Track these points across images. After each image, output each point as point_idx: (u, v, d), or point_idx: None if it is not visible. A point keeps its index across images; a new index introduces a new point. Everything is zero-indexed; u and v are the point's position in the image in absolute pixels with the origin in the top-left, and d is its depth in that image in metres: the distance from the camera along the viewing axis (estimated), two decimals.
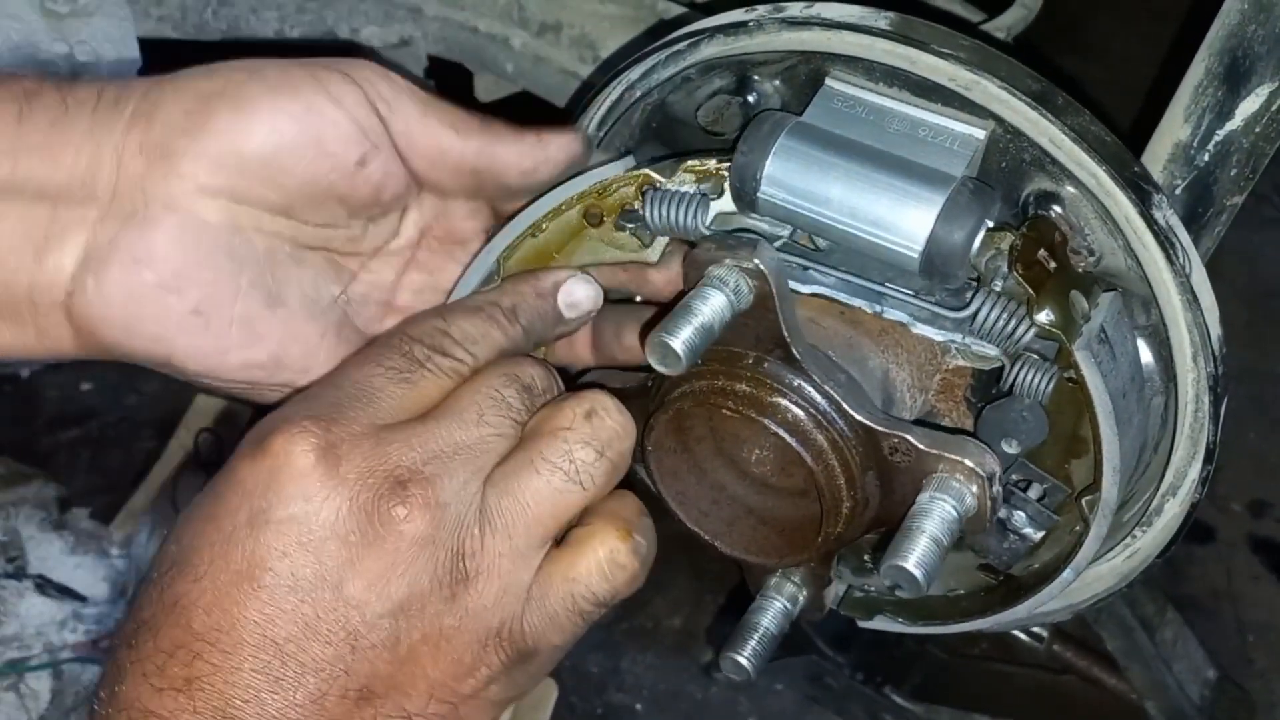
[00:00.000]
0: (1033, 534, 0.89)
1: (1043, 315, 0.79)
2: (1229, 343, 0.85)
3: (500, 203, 0.92)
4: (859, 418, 0.82)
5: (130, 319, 0.80)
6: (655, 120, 0.95)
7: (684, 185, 0.87)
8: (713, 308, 0.79)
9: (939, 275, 0.81)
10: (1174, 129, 1.02)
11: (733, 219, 0.88)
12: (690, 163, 0.87)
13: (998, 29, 1.34)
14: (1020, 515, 0.88)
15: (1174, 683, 1.86)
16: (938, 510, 0.79)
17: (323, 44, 1.58)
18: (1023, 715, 2.36)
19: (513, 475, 0.77)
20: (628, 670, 2.50)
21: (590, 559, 0.78)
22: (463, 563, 0.74)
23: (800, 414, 0.82)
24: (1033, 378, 0.82)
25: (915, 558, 0.77)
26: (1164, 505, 0.91)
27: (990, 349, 0.84)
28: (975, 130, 0.83)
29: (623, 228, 0.89)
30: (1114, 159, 0.81)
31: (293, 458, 0.73)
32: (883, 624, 1.00)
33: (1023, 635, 2.23)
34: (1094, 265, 0.84)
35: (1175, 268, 0.82)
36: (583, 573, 0.78)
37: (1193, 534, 0.92)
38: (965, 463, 0.80)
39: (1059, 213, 0.83)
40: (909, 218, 0.80)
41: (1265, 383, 2.81)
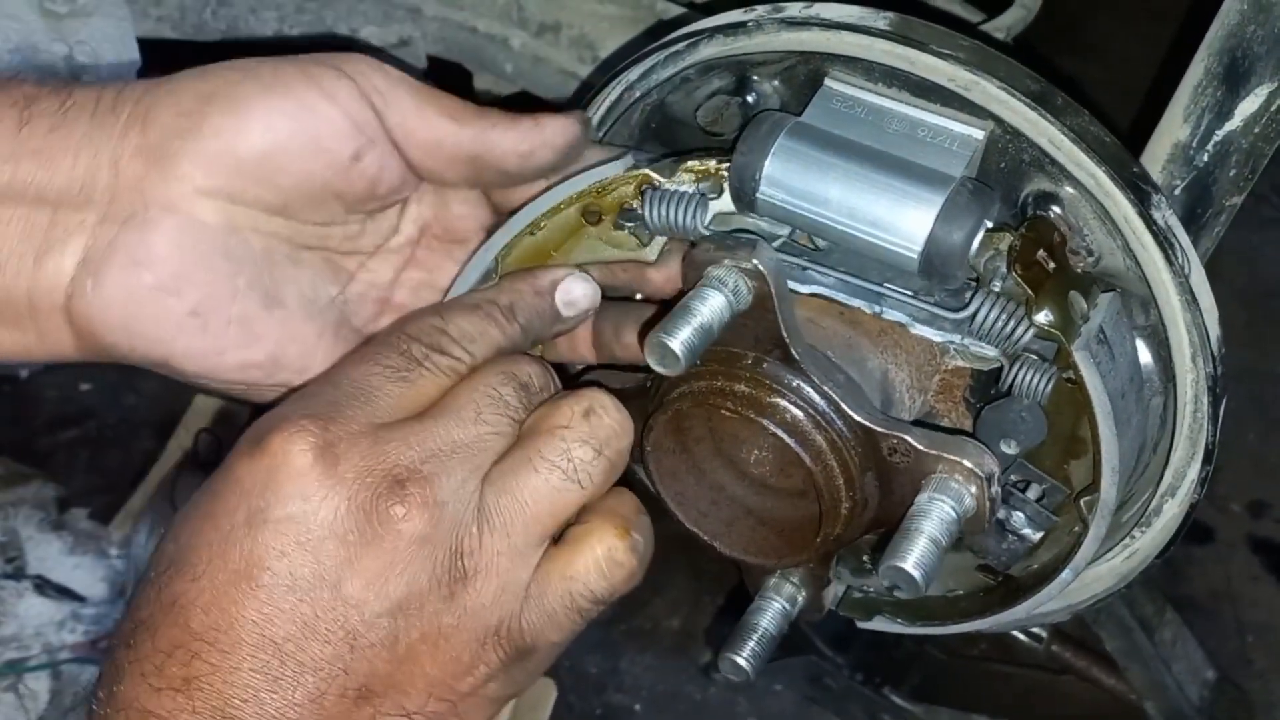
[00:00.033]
0: (1031, 535, 0.89)
1: (1041, 316, 0.79)
2: (1228, 343, 0.85)
3: (500, 190, 0.91)
4: (858, 418, 0.82)
5: (129, 321, 0.80)
6: (654, 120, 0.95)
7: (683, 185, 0.87)
8: (711, 308, 0.79)
9: (938, 276, 0.81)
10: (1173, 129, 1.02)
11: (732, 219, 0.87)
12: (690, 163, 0.87)
13: (997, 29, 1.34)
14: (1019, 516, 0.88)
15: (1173, 683, 1.86)
16: (936, 511, 0.79)
17: (322, 44, 1.58)
18: (1021, 716, 2.35)
19: (511, 474, 0.77)
20: (626, 671, 2.49)
21: (588, 557, 0.78)
22: (461, 561, 0.74)
23: (799, 414, 0.82)
24: (1031, 378, 0.82)
25: (914, 558, 0.77)
26: (1163, 506, 0.91)
27: (989, 350, 0.84)
28: (974, 131, 0.83)
29: (621, 227, 0.89)
30: (1113, 159, 0.81)
31: (291, 457, 0.72)
32: (881, 625, 1.00)
33: (1022, 636, 2.23)
34: (1093, 266, 0.84)
35: (1174, 268, 0.82)
36: (581, 571, 0.78)
37: (1192, 534, 0.92)
38: (964, 463, 0.80)
39: (1058, 213, 0.83)
40: (908, 218, 0.80)
41: (1265, 383, 2.81)
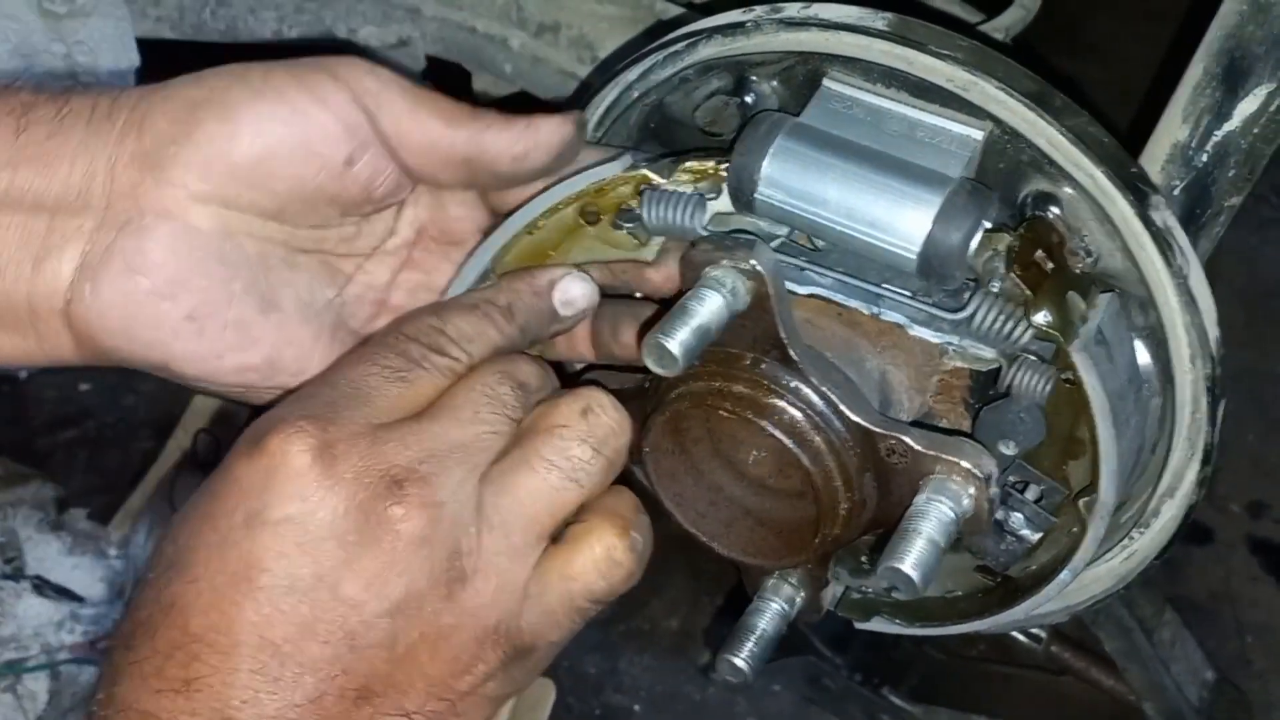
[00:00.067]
0: (1030, 535, 0.88)
1: (1040, 316, 0.79)
2: (1227, 343, 0.85)
3: (496, 192, 0.91)
4: (856, 419, 0.82)
5: (127, 326, 0.81)
6: (653, 121, 0.95)
7: (681, 185, 0.87)
8: (709, 309, 0.79)
9: (936, 276, 0.81)
10: (1172, 130, 1.02)
11: (730, 219, 0.87)
12: (689, 164, 0.87)
13: (996, 29, 1.33)
14: (1018, 517, 0.88)
15: (1172, 684, 1.86)
16: (934, 512, 0.79)
17: (321, 44, 1.58)
18: (1021, 716, 2.35)
19: (509, 473, 0.77)
20: (625, 671, 2.49)
21: (587, 557, 0.78)
22: (460, 561, 0.74)
23: (797, 415, 0.82)
24: (1030, 379, 0.82)
25: (912, 559, 0.77)
26: (1162, 507, 0.91)
27: (987, 351, 0.84)
28: (973, 131, 0.83)
29: (619, 227, 0.89)
30: (1112, 160, 0.81)
31: (289, 458, 0.72)
32: (880, 625, 1.00)
33: (1021, 636, 2.23)
34: (1092, 266, 0.84)
35: (1173, 269, 0.82)
36: (579, 570, 0.78)
37: (1191, 535, 0.92)
38: (962, 464, 0.80)
39: (1056, 214, 0.83)
40: (906, 219, 0.80)
41: (1264, 383, 2.81)
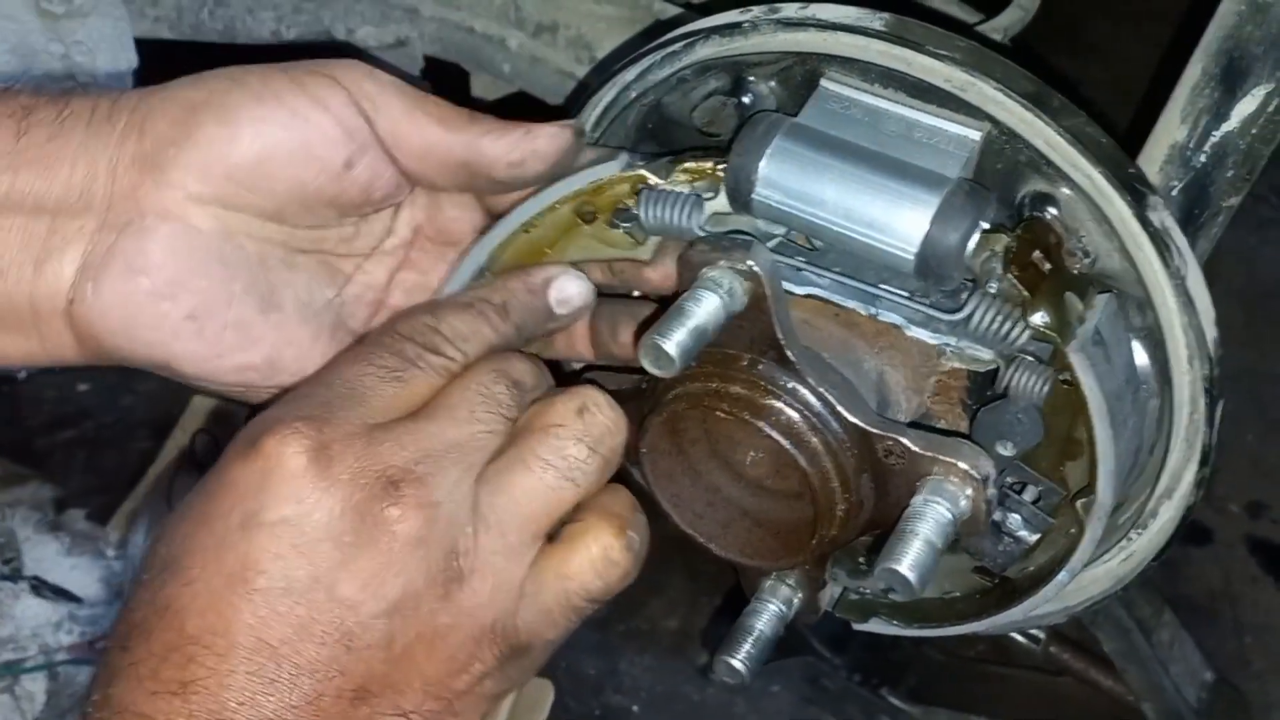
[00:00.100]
0: (1028, 537, 0.88)
1: (1037, 317, 0.79)
2: (1227, 344, 0.85)
3: (491, 197, 0.91)
4: (853, 420, 0.82)
5: (128, 326, 0.81)
6: (651, 121, 0.95)
7: (679, 185, 0.87)
8: (706, 310, 0.79)
9: (934, 277, 0.81)
10: (1170, 130, 1.02)
11: (728, 219, 0.87)
12: (687, 164, 0.87)
13: (994, 30, 1.33)
14: (1015, 518, 0.88)
15: (1171, 685, 1.86)
16: (932, 513, 0.79)
17: (319, 45, 1.58)
18: (1019, 717, 2.35)
19: (505, 472, 0.77)
20: (625, 672, 2.49)
21: (583, 556, 0.78)
22: (456, 561, 0.74)
23: (794, 416, 0.82)
24: (1028, 380, 0.81)
25: (909, 561, 0.77)
26: (1160, 508, 0.91)
27: (984, 352, 0.84)
28: (970, 132, 0.83)
29: (616, 226, 0.89)
30: (1109, 161, 0.81)
31: (285, 459, 0.72)
32: (878, 626, 1.00)
33: (1019, 637, 2.23)
34: (1089, 267, 0.84)
35: (1171, 270, 0.82)
36: (576, 570, 0.78)
37: (1190, 535, 0.92)
38: (959, 465, 0.80)
39: (1054, 214, 0.83)
40: (904, 219, 0.80)
41: (1263, 384, 2.81)
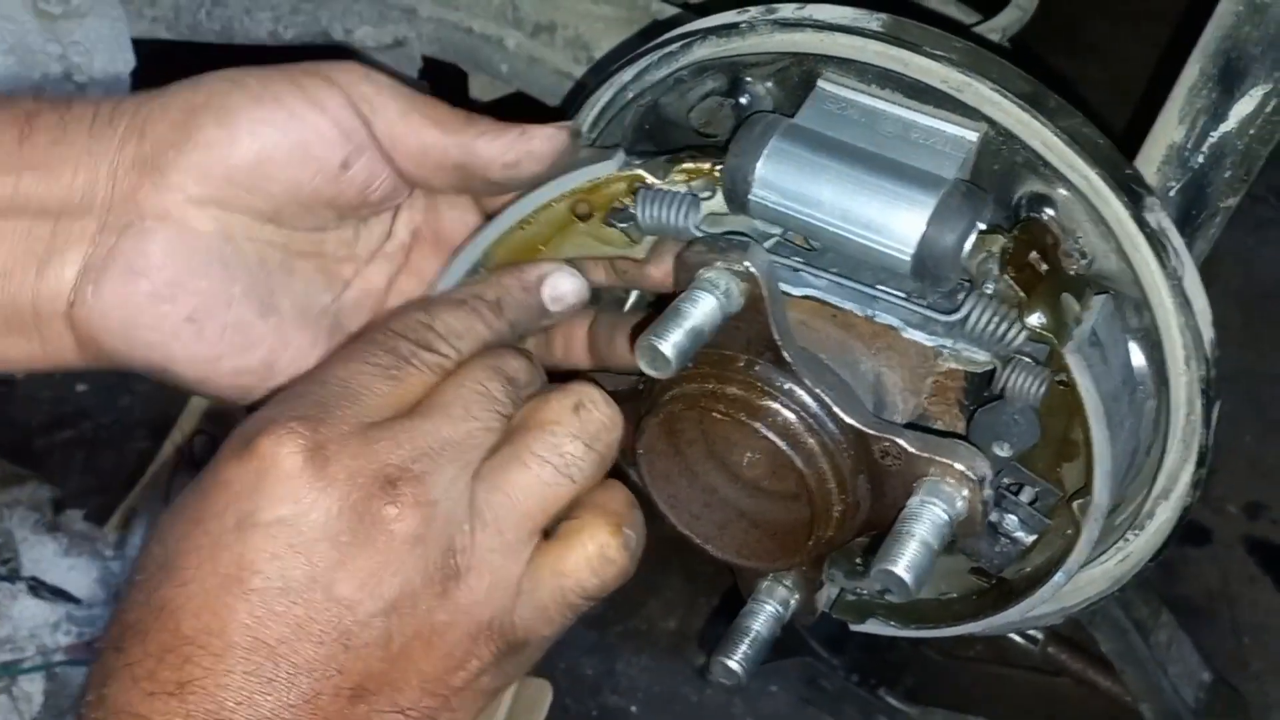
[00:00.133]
0: (1024, 538, 0.88)
1: (1034, 318, 0.79)
2: (1225, 344, 0.85)
3: (489, 199, 0.91)
4: (850, 421, 0.82)
5: (127, 327, 0.81)
6: (648, 122, 0.95)
7: (676, 185, 0.87)
8: (702, 311, 0.79)
9: (931, 278, 0.81)
10: (1168, 131, 1.01)
11: (725, 219, 0.87)
12: (685, 164, 0.87)
13: (992, 30, 1.33)
14: (1012, 519, 0.88)
15: (1169, 685, 1.86)
16: (928, 514, 0.79)
17: (318, 46, 1.57)
18: (1017, 717, 2.35)
19: (501, 470, 0.77)
20: (622, 673, 2.49)
21: (580, 554, 0.78)
22: (453, 559, 0.74)
23: (791, 417, 0.82)
24: (1024, 381, 0.81)
25: (905, 562, 0.77)
26: (1156, 509, 0.91)
27: (981, 353, 0.84)
28: (967, 133, 0.83)
29: (612, 224, 0.89)
30: (1106, 161, 0.81)
31: (280, 459, 0.72)
32: (875, 627, 1.00)
33: (1017, 638, 2.23)
34: (1086, 268, 0.84)
35: (1168, 270, 0.82)
36: (572, 568, 0.78)
37: (1188, 536, 0.92)
38: (956, 466, 0.80)
39: (1051, 215, 0.83)
40: (901, 220, 0.80)
41: (1262, 384, 2.80)
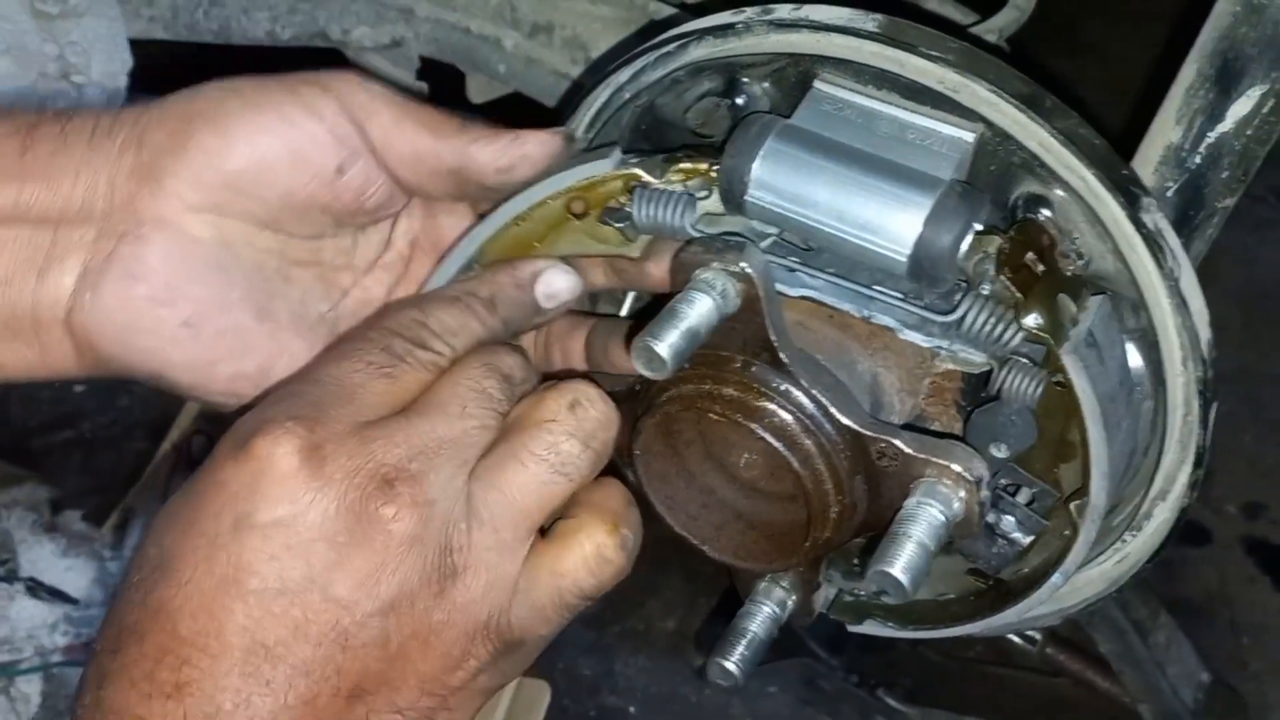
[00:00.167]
0: (1021, 539, 0.88)
1: (1030, 319, 0.79)
2: (1225, 345, 0.84)
3: (484, 204, 0.92)
4: (846, 422, 0.82)
5: (125, 332, 0.82)
6: (644, 123, 0.95)
7: (673, 185, 0.87)
8: (699, 311, 0.78)
9: (927, 279, 0.81)
10: (1165, 131, 1.01)
11: (721, 219, 0.87)
12: (682, 165, 0.87)
13: (990, 30, 1.33)
14: (1009, 520, 0.88)
15: (1167, 686, 1.86)
16: (925, 515, 0.79)
17: (316, 48, 1.57)
18: (1016, 718, 2.35)
19: (498, 468, 0.77)
20: (621, 673, 2.49)
21: (577, 555, 0.78)
22: (450, 558, 0.74)
23: (787, 418, 0.82)
24: (1021, 382, 0.81)
25: (901, 563, 0.77)
26: (1154, 510, 0.91)
27: (977, 354, 0.83)
28: (964, 133, 0.83)
29: (608, 223, 0.88)
30: (1103, 162, 0.81)
31: (276, 460, 0.72)
32: (872, 628, 1.00)
33: (1016, 638, 2.23)
34: (1083, 269, 0.83)
35: (1164, 271, 0.81)
36: (569, 568, 0.78)
37: (1187, 536, 0.92)
38: (952, 467, 0.80)
39: (1048, 216, 0.82)
40: (897, 221, 0.80)
41: (1261, 384, 2.80)
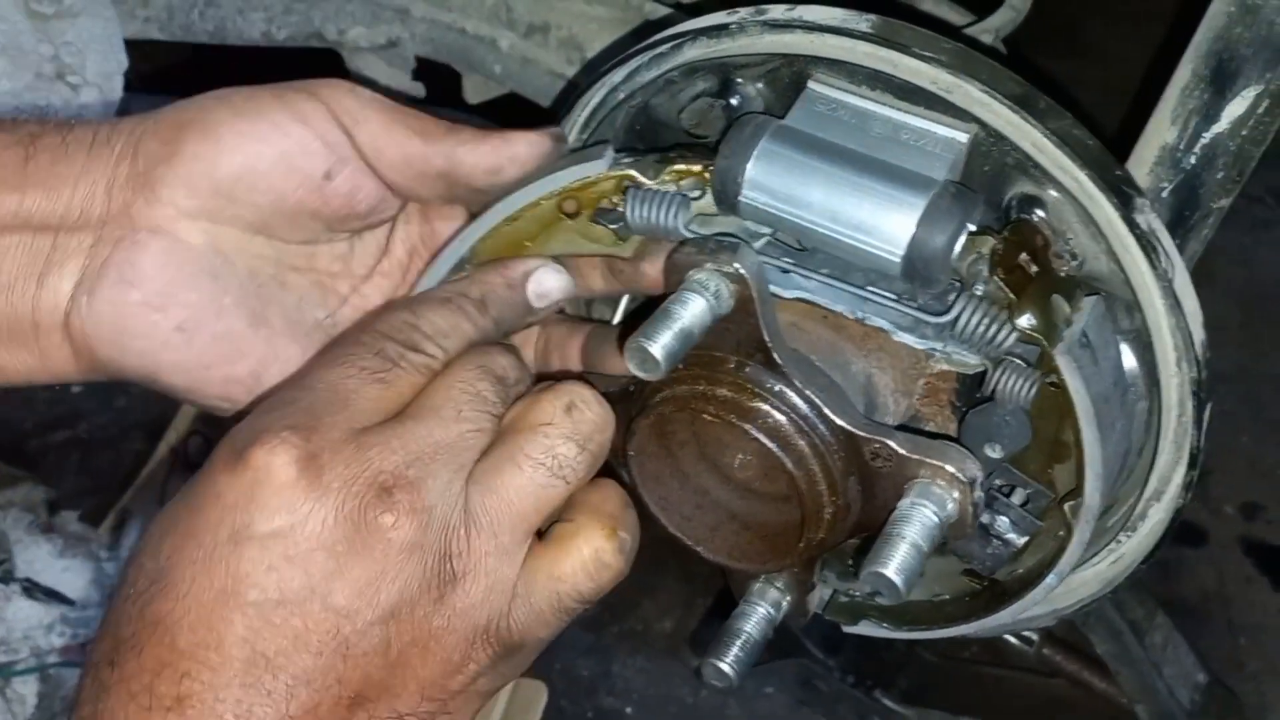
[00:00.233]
0: (1016, 539, 0.88)
1: (1024, 319, 0.79)
2: (1223, 345, 0.84)
3: (475, 206, 0.91)
4: (840, 423, 0.82)
5: (120, 336, 0.83)
6: (639, 123, 0.95)
7: (666, 186, 0.87)
8: (692, 312, 0.78)
9: (920, 279, 0.81)
10: (1161, 132, 1.01)
11: (715, 220, 0.87)
12: (676, 165, 0.86)
13: (986, 31, 1.33)
14: (1003, 520, 0.88)
15: (1164, 687, 1.86)
16: (918, 516, 0.79)
17: (312, 48, 1.57)
18: (1012, 719, 2.35)
19: (495, 472, 0.77)
20: (618, 674, 2.49)
21: (575, 559, 0.78)
22: (450, 564, 0.74)
23: (781, 419, 0.82)
24: (1014, 383, 0.81)
25: (895, 564, 0.77)
26: (1149, 510, 0.91)
27: (971, 355, 0.83)
28: (958, 134, 0.83)
29: (600, 223, 0.88)
30: (1096, 163, 0.81)
31: (273, 470, 0.72)
32: (867, 629, 1.00)
33: (1012, 639, 2.23)
34: (1076, 269, 0.83)
35: (1158, 272, 0.81)
36: (568, 572, 0.78)
37: (1185, 537, 0.92)
38: (946, 468, 0.80)
39: (1041, 216, 0.82)
40: (891, 221, 0.80)
41: (1259, 384, 2.80)
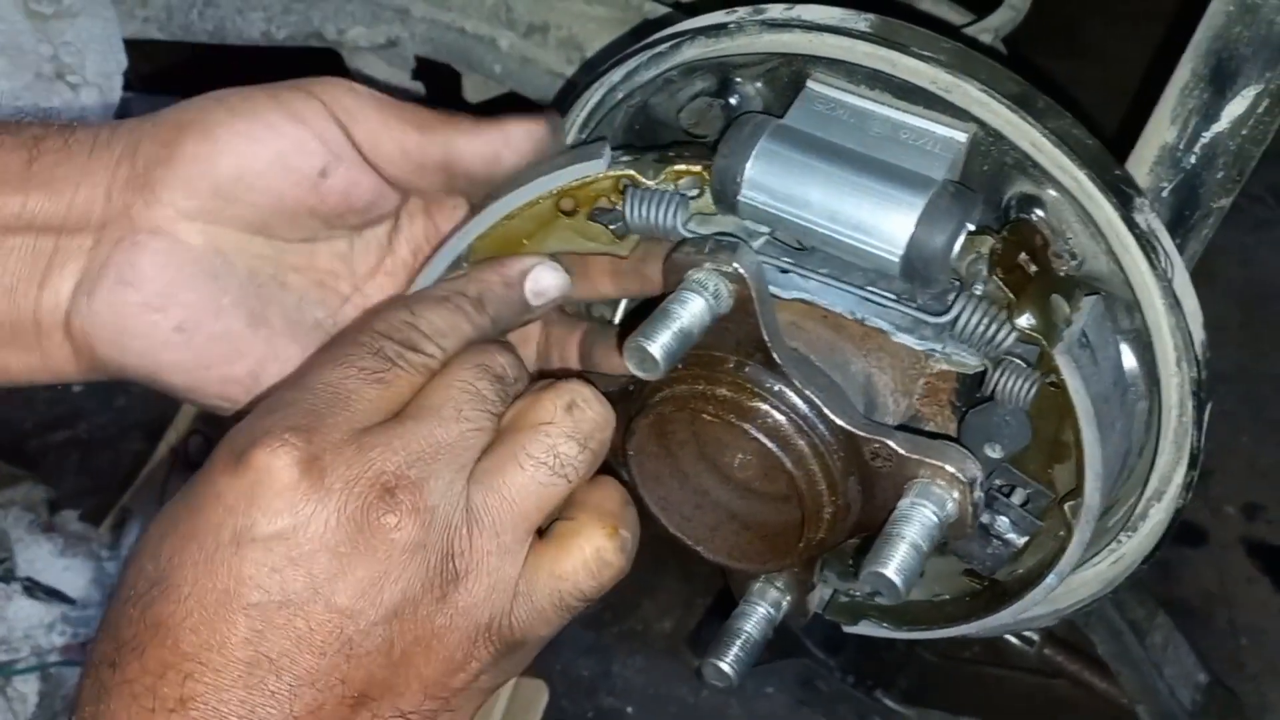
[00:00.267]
0: (1016, 539, 0.88)
1: (1023, 319, 0.79)
2: (1223, 344, 0.84)
3: (476, 197, 0.91)
4: (840, 423, 0.82)
5: (119, 336, 0.84)
6: (638, 123, 0.95)
7: (664, 185, 0.87)
8: (691, 312, 0.78)
9: (920, 279, 0.80)
10: (1160, 131, 1.01)
11: (713, 219, 0.87)
12: (675, 165, 0.86)
13: (985, 30, 1.33)
14: (1003, 520, 0.88)
15: (1165, 687, 1.86)
16: (918, 516, 0.79)
17: (312, 48, 1.57)
18: (1013, 719, 2.35)
19: (496, 471, 0.77)
20: (618, 674, 2.49)
21: (577, 558, 0.78)
22: (452, 563, 0.74)
23: (781, 419, 0.82)
24: (1014, 383, 0.81)
25: (895, 564, 0.76)
26: (1149, 510, 0.90)
27: (970, 356, 0.83)
28: (957, 133, 0.83)
29: (598, 221, 0.88)
30: (1096, 162, 0.80)
31: (275, 472, 0.72)
32: (868, 629, 1.00)
33: (1013, 639, 2.23)
34: (1076, 269, 0.83)
35: (1158, 272, 0.81)
36: (569, 571, 0.78)
37: (1186, 537, 0.92)
38: (946, 468, 0.80)
39: (1040, 216, 0.82)
40: (890, 221, 0.80)
41: (1260, 384, 2.80)
